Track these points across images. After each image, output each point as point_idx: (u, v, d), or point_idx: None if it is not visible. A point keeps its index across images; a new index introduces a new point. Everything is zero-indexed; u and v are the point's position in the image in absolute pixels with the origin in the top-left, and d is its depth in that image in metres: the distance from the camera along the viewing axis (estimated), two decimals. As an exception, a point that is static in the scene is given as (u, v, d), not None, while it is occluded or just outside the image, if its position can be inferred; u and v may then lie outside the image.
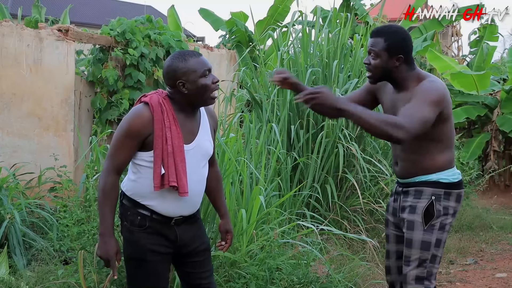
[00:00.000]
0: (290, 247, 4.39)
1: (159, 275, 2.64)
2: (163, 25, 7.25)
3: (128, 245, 2.63)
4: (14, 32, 5.64)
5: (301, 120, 5.70)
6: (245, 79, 6.77)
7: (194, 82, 2.52)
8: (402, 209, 2.87)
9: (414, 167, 2.83)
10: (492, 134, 8.44)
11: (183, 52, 2.57)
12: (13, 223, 4.50)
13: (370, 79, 2.89)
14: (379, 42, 2.77)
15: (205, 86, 2.53)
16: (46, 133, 5.84)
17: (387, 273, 3.06)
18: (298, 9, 8.66)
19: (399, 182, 2.96)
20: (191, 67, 2.52)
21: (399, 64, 2.78)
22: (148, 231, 2.58)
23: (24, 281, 3.86)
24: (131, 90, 6.58)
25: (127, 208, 2.62)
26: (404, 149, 2.84)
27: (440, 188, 2.80)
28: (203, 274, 2.76)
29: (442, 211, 2.80)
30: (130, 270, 2.67)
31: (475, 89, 8.30)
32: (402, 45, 2.78)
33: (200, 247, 2.74)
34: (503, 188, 8.66)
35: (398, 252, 2.98)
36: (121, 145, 2.55)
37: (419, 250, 2.79)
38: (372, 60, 2.81)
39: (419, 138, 2.74)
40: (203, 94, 2.54)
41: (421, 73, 2.85)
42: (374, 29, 2.87)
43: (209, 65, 2.56)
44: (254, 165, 4.61)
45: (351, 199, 5.59)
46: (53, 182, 5.48)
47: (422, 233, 2.79)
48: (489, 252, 5.72)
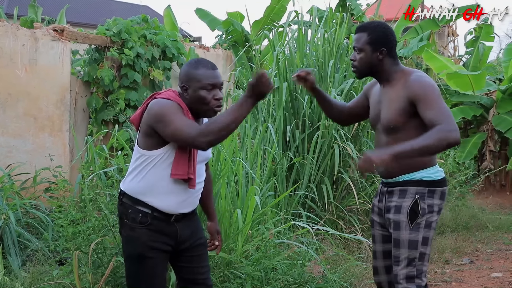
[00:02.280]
0: (285, 247, 4.39)
1: (159, 273, 2.67)
2: (159, 25, 7.25)
3: (129, 243, 2.66)
4: (9, 32, 5.63)
5: (297, 120, 5.71)
6: (241, 79, 6.77)
7: (194, 91, 2.56)
8: (387, 209, 2.88)
9: (398, 166, 2.83)
10: (488, 134, 8.45)
11: (200, 60, 2.61)
12: (8, 224, 4.49)
13: (356, 73, 2.95)
14: (362, 37, 2.85)
15: (202, 99, 2.55)
16: (41, 133, 5.83)
17: (375, 273, 3.06)
18: (294, 9, 8.67)
19: (384, 182, 2.96)
20: (196, 76, 2.55)
21: (382, 57, 2.83)
22: (150, 228, 2.61)
23: (19, 282, 3.85)
24: (127, 90, 6.58)
25: (128, 207, 2.64)
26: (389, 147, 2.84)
27: (423, 187, 2.81)
28: (200, 269, 2.79)
29: (427, 209, 2.80)
30: (130, 268, 2.69)
31: (471, 89, 8.31)
32: (385, 39, 2.84)
33: (197, 242, 2.77)
34: (498, 188, 8.68)
35: (385, 252, 2.99)
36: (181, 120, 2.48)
37: (407, 250, 2.80)
38: (357, 55, 2.87)
39: (405, 135, 2.75)
40: (200, 106, 2.57)
41: (406, 69, 2.88)
42: (357, 25, 2.94)
43: (215, 80, 2.56)
44: (249, 165, 4.61)
45: (347, 199, 5.59)
46: (48, 182, 5.47)
47: (409, 232, 2.79)
48: (485, 252, 5.72)
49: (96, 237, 3.63)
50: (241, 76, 6.75)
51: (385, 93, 2.86)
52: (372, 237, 3.06)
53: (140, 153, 2.61)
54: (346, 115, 3.18)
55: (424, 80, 2.75)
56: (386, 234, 2.96)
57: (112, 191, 4.02)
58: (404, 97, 2.75)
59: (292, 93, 5.80)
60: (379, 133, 2.90)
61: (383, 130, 2.85)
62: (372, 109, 2.96)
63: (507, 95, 8.29)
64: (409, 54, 9.15)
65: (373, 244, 3.06)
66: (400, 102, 2.76)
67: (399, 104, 2.76)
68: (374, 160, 2.53)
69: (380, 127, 2.87)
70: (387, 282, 3.01)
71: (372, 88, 3.03)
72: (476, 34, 10.20)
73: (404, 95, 2.75)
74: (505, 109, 8.30)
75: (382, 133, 2.87)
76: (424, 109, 2.67)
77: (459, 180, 7.20)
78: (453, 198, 7.00)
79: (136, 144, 2.66)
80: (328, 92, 5.62)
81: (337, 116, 3.21)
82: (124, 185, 2.69)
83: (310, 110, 5.70)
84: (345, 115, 3.19)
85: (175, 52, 7.08)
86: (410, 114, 2.74)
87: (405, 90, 2.75)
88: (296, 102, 5.83)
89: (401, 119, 2.76)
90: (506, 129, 8.04)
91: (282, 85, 5.64)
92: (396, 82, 2.82)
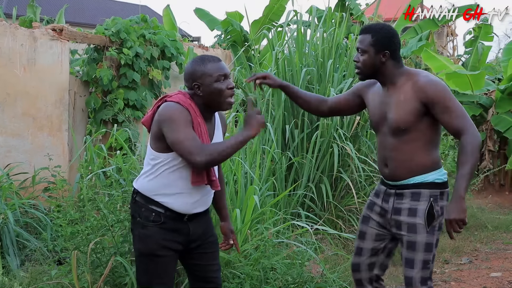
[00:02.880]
0: (284, 247, 4.38)
1: (169, 272, 2.70)
2: (158, 25, 7.24)
3: (141, 241, 2.68)
4: (8, 31, 5.62)
5: (296, 120, 5.70)
6: (240, 78, 6.77)
7: (209, 86, 2.60)
8: (397, 211, 2.86)
9: (406, 167, 2.82)
10: (487, 133, 8.45)
11: (203, 56, 2.66)
12: (7, 223, 4.48)
13: (359, 75, 2.93)
14: (366, 38, 2.84)
15: (219, 90, 2.60)
16: (40, 133, 5.82)
17: (356, 270, 3.04)
18: (293, 9, 8.66)
19: (389, 184, 2.93)
20: (207, 71, 2.60)
21: (385, 59, 2.82)
22: (163, 227, 2.64)
23: (17, 282, 3.84)
24: (125, 90, 6.57)
25: (141, 205, 2.67)
26: (396, 150, 2.83)
27: (436, 189, 2.81)
28: (211, 267, 2.82)
29: (440, 211, 2.82)
30: (141, 266, 2.71)
31: (470, 89, 8.31)
32: (388, 41, 2.83)
33: (209, 239, 2.80)
34: (498, 188, 8.68)
35: (373, 250, 2.99)
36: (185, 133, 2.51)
37: (423, 253, 2.81)
38: (360, 57, 2.86)
39: (413, 136, 2.77)
40: (217, 98, 2.62)
41: (410, 70, 2.88)
42: (362, 26, 2.94)
43: (225, 70, 2.62)
44: (248, 165, 4.60)
45: (346, 198, 5.59)
46: (47, 182, 5.46)
47: (426, 235, 2.80)
48: (484, 252, 5.72)
49: (95, 237, 3.63)
50: (240, 76, 6.74)
51: (391, 95, 2.84)
52: (360, 233, 3.04)
53: (153, 155, 2.64)
54: (326, 110, 3.15)
55: (436, 82, 2.76)
56: (381, 233, 2.96)
57: (111, 190, 4.02)
58: (415, 98, 2.74)
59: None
60: (384, 135, 2.88)
61: (390, 132, 2.83)
62: (375, 111, 2.93)
63: (506, 94, 8.29)
64: (408, 54, 9.15)
65: (360, 241, 3.03)
66: (411, 103, 2.75)
67: (410, 105, 2.75)
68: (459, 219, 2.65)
69: (387, 129, 2.85)
70: (368, 278, 3.02)
71: (369, 90, 3.01)
72: (475, 34, 10.20)
73: (415, 97, 2.75)
74: (504, 109, 8.30)
75: (388, 135, 2.85)
76: (442, 113, 2.72)
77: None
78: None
79: (148, 145, 2.68)
80: (327, 91, 5.62)
81: (315, 110, 3.19)
82: (138, 184, 2.72)
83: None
84: (325, 110, 3.15)
85: (174, 52, 7.07)
86: (421, 115, 2.76)
87: (416, 92, 2.75)
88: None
89: (413, 119, 2.76)
90: (505, 128, 8.04)
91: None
92: (403, 84, 2.81)
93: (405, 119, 2.76)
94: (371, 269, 3.02)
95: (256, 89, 3.12)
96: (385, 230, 2.95)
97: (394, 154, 2.84)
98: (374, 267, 3.01)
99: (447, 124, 2.73)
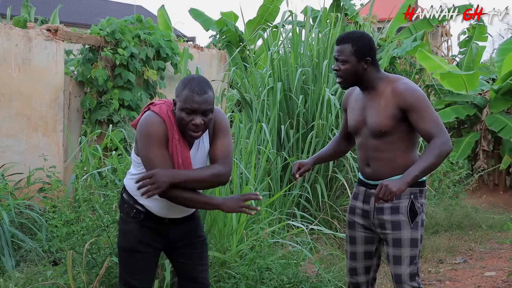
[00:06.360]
0: (280, 246, 4.39)
1: (147, 269, 2.74)
2: (153, 25, 7.24)
3: (122, 235, 2.75)
4: (2, 31, 5.60)
5: (291, 120, 5.71)
6: (235, 79, 6.77)
7: (178, 109, 2.54)
8: (379, 211, 2.91)
9: (388, 166, 2.88)
10: (481, 133, 8.48)
11: (192, 79, 2.54)
12: (2, 224, 4.47)
13: (341, 84, 2.98)
14: (347, 48, 2.87)
15: (180, 119, 2.54)
16: (35, 133, 5.81)
17: (353, 274, 3.10)
18: (287, 9, 8.67)
19: (369, 184, 2.97)
20: (181, 95, 2.53)
21: (367, 66, 2.88)
22: (143, 224, 2.69)
23: (12, 282, 3.83)
24: (120, 90, 6.57)
25: (125, 202, 2.74)
26: (379, 150, 2.89)
27: (415, 187, 2.88)
28: (199, 267, 2.84)
29: (421, 208, 2.90)
30: (121, 261, 2.77)
31: (464, 89, 8.33)
32: (369, 49, 2.88)
33: (196, 240, 2.83)
34: (492, 188, 8.71)
35: (366, 253, 3.06)
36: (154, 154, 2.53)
37: (409, 248, 2.87)
38: (341, 66, 2.90)
39: (394, 138, 2.83)
40: (180, 124, 2.56)
41: (389, 75, 2.95)
42: (338, 36, 2.96)
43: (196, 106, 2.49)
44: (244, 165, 4.61)
45: (341, 198, 5.60)
46: (42, 182, 5.45)
47: (410, 231, 2.87)
48: (478, 251, 5.75)
49: (90, 237, 3.63)
50: (235, 76, 6.75)
51: (371, 99, 2.90)
52: (350, 238, 3.08)
53: (135, 157, 2.68)
54: (346, 142, 3.28)
55: (415, 89, 2.82)
56: (370, 236, 3.02)
57: (106, 191, 4.01)
58: (394, 104, 2.80)
59: (286, 93, 5.80)
60: (366, 137, 2.93)
61: (371, 134, 2.89)
62: (354, 114, 2.99)
63: (500, 94, 8.32)
64: (402, 54, 9.16)
65: (351, 246, 3.08)
66: (390, 108, 2.81)
67: (389, 110, 2.81)
68: (394, 191, 2.62)
69: (367, 132, 2.91)
70: (365, 282, 3.08)
71: (349, 98, 3.09)
72: (469, 34, 10.22)
73: (394, 103, 2.80)
74: (498, 109, 8.33)
75: (369, 137, 2.91)
76: (418, 120, 2.77)
77: (453, 180, 7.23)
78: (447, 198, 7.03)
79: (134, 145, 2.70)
80: (322, 92, 5.63)
81: (343, 152, 3.35)
82: (126, 180, 2.78)
83: (304, 110, 5.71)
84: (346, 144, 3.29)
85: (169, 52, 7.07)
86: (400, 120, 2.81)
87: (394, 98, 2.81)
88: (291, 102, 5.83)
89: (393, 124, 2.81)
90: (499, 128, 8.06)
91: (277, 85, 5.64)
92: (383, 89, 2.87)
93: (385, 124, 2.82)
94: (367, 272, 3.08)
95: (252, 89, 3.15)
96: (371, 232, 3.01)
97: (378, 154, 2.90)
98: (370, 270, 3.08)
99: (422, 130, 2.77)
